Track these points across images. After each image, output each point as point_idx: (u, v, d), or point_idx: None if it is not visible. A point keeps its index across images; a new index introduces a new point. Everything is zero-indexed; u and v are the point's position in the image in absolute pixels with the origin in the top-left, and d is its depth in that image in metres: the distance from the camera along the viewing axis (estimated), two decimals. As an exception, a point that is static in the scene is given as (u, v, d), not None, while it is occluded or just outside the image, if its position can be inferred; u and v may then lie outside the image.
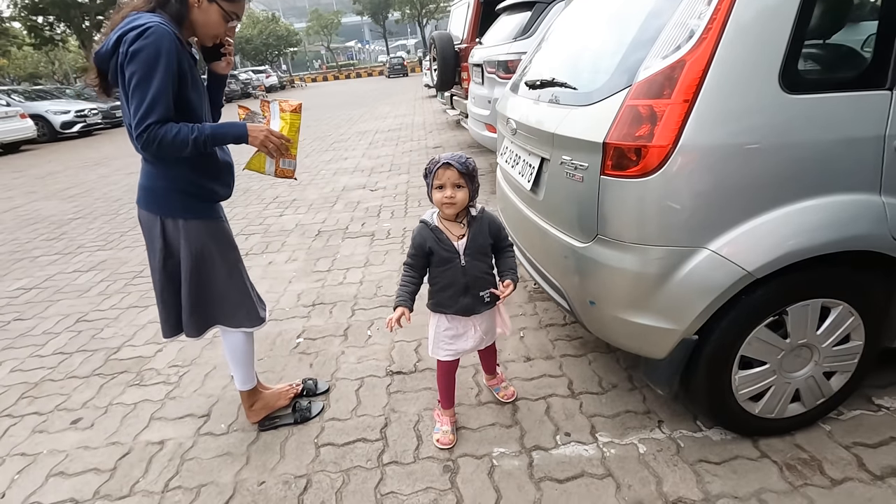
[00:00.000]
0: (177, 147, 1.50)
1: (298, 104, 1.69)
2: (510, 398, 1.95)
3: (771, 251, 1.34)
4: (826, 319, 1.50)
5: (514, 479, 1.61)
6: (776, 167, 1.33)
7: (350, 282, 3.22)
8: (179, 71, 1.49)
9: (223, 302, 1.77)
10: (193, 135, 1.50)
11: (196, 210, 1.66)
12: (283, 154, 1.68)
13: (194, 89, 1.57)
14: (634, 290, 1.47)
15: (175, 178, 1.62)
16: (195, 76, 1.58)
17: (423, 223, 1.63)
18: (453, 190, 1.53)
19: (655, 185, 1.35)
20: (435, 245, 1.59)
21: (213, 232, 1.71)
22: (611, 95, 1.47)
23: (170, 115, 1.48)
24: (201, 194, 1.67)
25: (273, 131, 1.63)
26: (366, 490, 1.63)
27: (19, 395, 2.33)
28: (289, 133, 1.67)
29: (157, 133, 1.46)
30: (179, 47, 1.48)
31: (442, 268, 1.62)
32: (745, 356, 1.51)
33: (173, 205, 1.64)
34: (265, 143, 1.62)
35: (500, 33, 4.75)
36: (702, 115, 1.30)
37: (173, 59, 1.45)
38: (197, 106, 1.58)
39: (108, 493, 1.72)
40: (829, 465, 1.55)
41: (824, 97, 1.31)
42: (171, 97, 1.48)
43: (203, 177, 1.66)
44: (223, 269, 1.74)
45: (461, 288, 1.62)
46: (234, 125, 1.60)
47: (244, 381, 1.90)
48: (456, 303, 1.64)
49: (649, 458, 1.64)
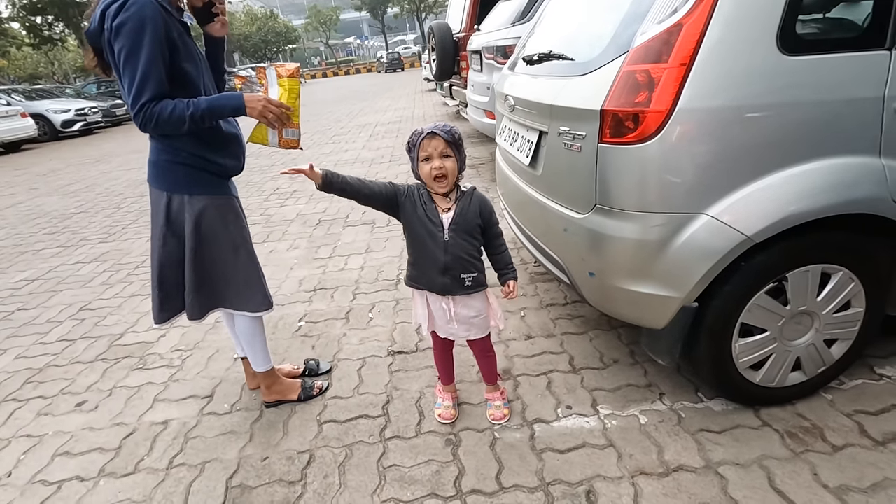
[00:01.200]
0: (173, 124, 1.47)
1: (296, 67, 1.61)
2: (499, 420, 1.73)
3: (770, 215, 1.34)
4: (826, 286, 1.49)
5: (516, 450, 1.62)
6: (775, 130, 1.32)
7: (351, 267, 3.22)
8: (169, 41, 1.44)
9: (227, 283, 1.72)
10: (189, 110, 1.46)
11: (202, 185, 1.62)
12: (285, 123, 1.60)
13: (189, 59, 1.52)
14: (634, 259, 1.47)
15: (179, 152, 1.58)
16: (188, 45, 1.53)
17: (418, 184, 1.55)
18: (441, 160, 1.44)
19: (654, 150, 1.35)
20: (420, 210, 1.49)
21: (219, 209, 1.66)
22: (608, 63, 1.46)
23: (163, 91, 1.44)
24: (208, 168, 1.62)
25: (271, 100, 1.55)
26: (368, 463, 1.64)
27: (24, 380, 2.35)
28: (288, 100, 1.59)
29: (153, 112, 1.43)
30: (165, 15, 1.43)
31: (420, 239, 1.52)
32: (745, 324, 1.51)
33: (178, 180, 1.61)
34: (264, 114, 1.54)
35: (499, 19, 4.72)
36: (699, 79, 1.30)
37: (159, 28, 1.40)
38: (194, 77, 1.54)
39: (114, 471, 1.73)
40: (830, 433, 1.55)
41: (823, 58, 1.30)
42: (164, 70, 1.43)
43: (208, 150, 1.61)
44: (228, 248, 1.69)
45: (440, 266, 1.51)
46: (230, 97, 1.54)
47: (258, 364, 1.90)
48: (431, 280, 1.55)
49: (650, 429, 1.64)
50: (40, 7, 23.63)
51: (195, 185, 1.62)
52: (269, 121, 1.57)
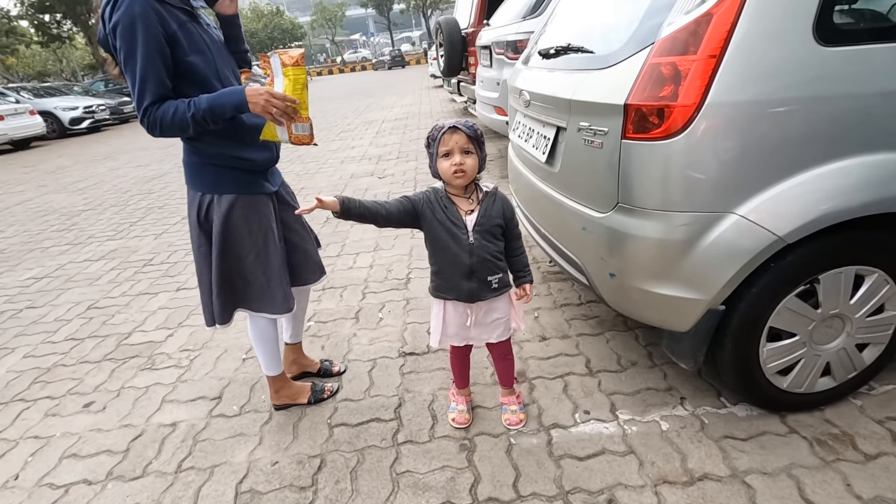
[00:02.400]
0: (178, 128, 1.40)
1: (300, 54, 1.46)
2: (515, 425, 1.68)
3: (803, 215, 1.28)
4: (860, 288, 1.43)
5: (534, 456, 1.57)
6: (810, 125, 1.25)
7: (360, 266, 3.18)
8: (168, 35, 1.35)
9: (246, 283, 1.66)
10: (190, 112, 1.38)
11: (231, 184, 1.56)
12: (292, 117, 1.46)
13: (195, 51, 1.42)
14: (658, 260, 1.41)
15: (205, 152, 1.53)
16: (193, 35, 1.42)
17: (434, 188, 1.48)
18: (462, 156, 1.38)
19: (680, 147, 1.29)
20: (441, 214, 1.43)
21: (245, 207, 1.58)
22: (631, 55, 1.40)
23: (164, 92, 1.38)
24: (237, 165, 1.55)
25: (274, 93, 1.42)
26: (381, 469, 1.59)
27: (32, 380, 2.33)
28: (293, 91, 1.44)
29: (156, 116, 1.37)
30: (159, 7, 1.33)
31: (443, 244, 1.44)
32: (773, 327, 1.44)
33: (208, 180, 1.56)
34: (267, 109, 1.41)
35: (509, 13, 4.65)
36: (730, 72, 1.23)
37: (152, 24, 1.31)
38: (202, 69, 1.44)
39: (122, 474, 1.70)
40: (861, 440, 1.49)
41: (862, 49, 1.23)
42: (164, 68, 1.36)
43: (234, 146, 1.53)
44: (251, 247, 1.62)
45: (465, 270, 1.45)
46: (231, 93, 1.42)
47: (267, 367, 1.85)
48: (458, 287, 1.47)
49: (672, 435, 1.59)
50: (48, 5, 23.74)
51: (223, 185, 1.56)
52: (274, 116, 1.44)
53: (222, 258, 1.60)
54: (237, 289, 1.67)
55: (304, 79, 1.48)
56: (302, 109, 1.48)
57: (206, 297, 1.68)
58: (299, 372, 2.07)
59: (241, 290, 1.68)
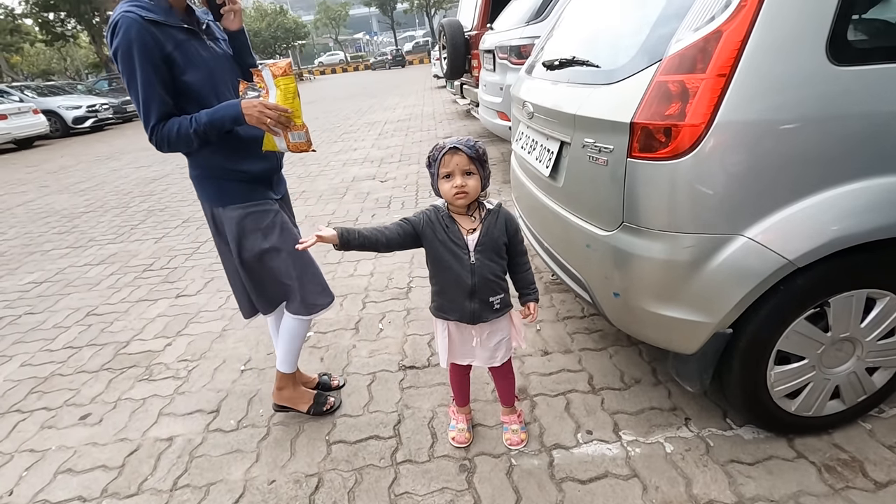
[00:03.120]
0: (184, 143, 1.46)
1: (286, 64, 1.49)
2: (516, 445, 1.65)
3: (814, 238, 1.24)
4: (871, 311, 1.39)
5: (535, 478, 1.54)
6: (822, 146, 1.22)
7: (360, 274, 3.15)
8: (164, 57, 1.38)
9: (279, 284, 1.72)
10: (192, 127, 1.43)
11: (233, 195, 1.59)
12: (288, 126, 1.49)
13: (193, 70, 1.45)
14: (663, 281, 1.38)
15: (203, 165, 1.57)
16: (191, 53, 1.45)
17: (434, 207, 1.44)
18: (463, 178, 1.34)
19: (687, 167, 1.25)
20: (442, 234, 1.40)
21: (253, 215, 1.61)
22: (638, 72, 1.37)
23: (167, 110, 1.43)
24: (236, 177, 1.58)
25: (267, 104, 1.45)
26: (379, 490, 1.56)
27: (29, 390, 2.31)
28: (284, 101, 1.48)
29: (162, 134, 1.44)
30: (155, 29, 1.36)
31: (445, 264, 1.41)
32: (782, 351, 1.41)
33: (212, 193, 1.61)
34: (261, 120, 1.44)
35: (512, 17, 4.61)
36: (740, 91, 1.20)
37: (149, 48, 1.35)
38: (200, 88, 1.47)
39: (117, 492, 1.68)
40: (871, 467, 1.45)
41: (877, 68, 1.19)
42: (164, 89, 1.41)
43: (231, 159, 1.56)
44: (273, 254, 1.65)
45: (467, 291, 1.41)
46: (228, 106, 1.46)
47: (282, 362, 1.85)
48: (460, 308, 1.44)
49: (677, 458, 1.55)
50: (53, 3, 23.77)
51: (226, 197, 1.59)
52: (269, 127, 1.47)
53: (250, 269, 1.68)
54: (272, 290, 1.75)
55: (294, 87, 1.50)
56: (295, 118, 1.50)
57: (239, 294, 1.79)
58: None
59: (275, 290, 1.75)
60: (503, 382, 1.68)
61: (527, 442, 1.67)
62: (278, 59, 1.48)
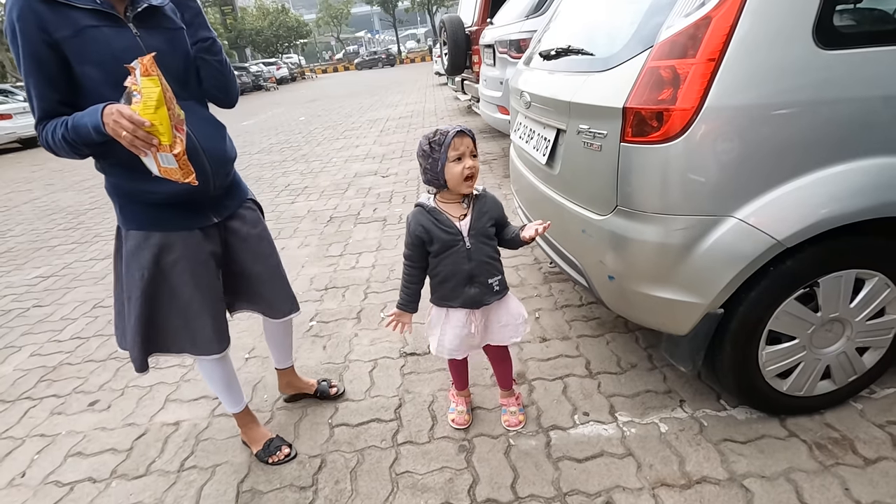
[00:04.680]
0: (64, 150, 1.22)
1: (149, 59, 1.11)
2: (514, 426, 1.69)
3: (803, 219, 1.27)
4: (860, 292, 1.42)
5: (532, 458, 1.58)
6: (810, 129, 1.25)
7: (362, 266, 3.19)
8: (51, 44, 1.15)
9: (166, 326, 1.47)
10: (60, 133, 1.19)
11: (138, 219, 1.36)
12: (150, 144, 1.13)
13: (91, 62, 1.19)
14: (656, 263, 1.41)
15: (107, 179, 1.35)
16: (94, 42, 1.18)
17: (419, 206, 1.46)
18: (472, 160, 1.38)
19: (679, 150, 1.29)
20: (434, 228, 1.42)
21: (154, 247, 1.36)
22: (630, 59, 1.40)
23: (49, 107, 1.21)
24: (135, 197, 1.33)
25: (123, 111, 1.10)
26: (380, 469, 1.61)
27: (38, 379, 2.36)
28: (143, 111, 1.10)
29: (44, 136, 1.22)
30: (41, 10, 1.13)
31: (443, 255, 1.44)
32: (772, 331, 1.44)
33: (116, 211, 1.38)
34: (117, 132, 1.11)
35: (512, 12, 4.64)
36: (729, 75, 1.23)
37: (30, 31, 1.13)
38: (98, 85, 1.20)
39: (125, 473, 1.72)
40: (861, 445, 1.48)
41: (862, 52, 1.22)
42: (45, 81, 1.18)
43: (128, 173, 1.28)
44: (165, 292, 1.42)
45: (465, 276, 1.45)
46: (92, 111, 1.16)
47: (225, 404, 1.72)
48: (462, 294, 1.47)
49: (671, 438, 1.59)
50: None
51: (128, 220, 1.36)
52: (128, 144, 1.13)
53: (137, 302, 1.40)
54: (153, 331, 1.47)
55: (159, 94, 1.12)
56: (160, 135, 1.13)
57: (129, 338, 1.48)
58: (294, 393, 1.97)
59: (163, 330, 1.48)
60: (501, 366, 1.72)
61: (525, 423, 1.71)
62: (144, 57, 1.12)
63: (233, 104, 1.53)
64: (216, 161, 1.40)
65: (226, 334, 1.57)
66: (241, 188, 1.61)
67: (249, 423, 1.76)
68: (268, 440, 1.72)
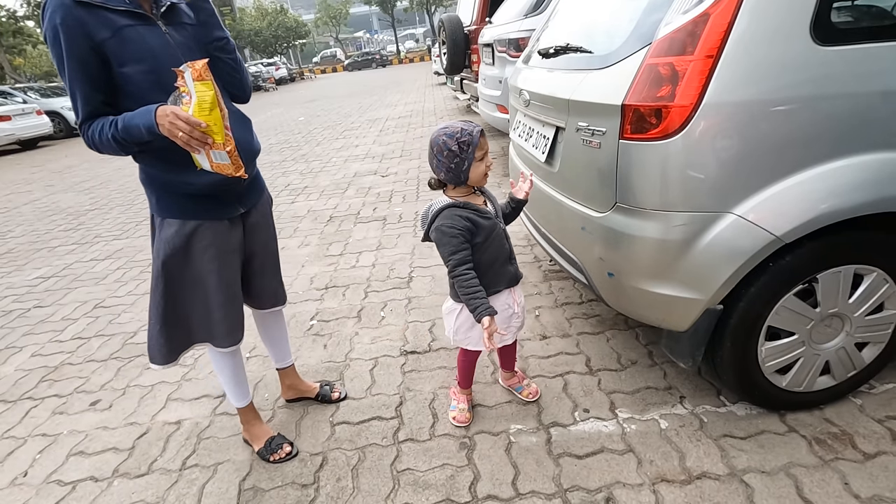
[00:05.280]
0: (109, 149, 1.29)
1: (203, 65, 1.19)
2: (534, 396, 1.79)
3: (801, 214, 1.28)
4: (859, 287, 1.43)
5: (532, 454, 1.58)
6: (808, 125, 1.25)
7: (362, 265, 3.20)
8: (95, 46, 1.20)
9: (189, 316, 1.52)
10: (110, 132, 1.25)
11: (174, 208, 1.41)
12: (204, 143, 1.22)
13: (133, 61, 1.25)
14: (656, 260, 1.42)
15: (145, 171, 1.40)
16: (132, 42, 1.24)
17: (449, 206, 1.43)
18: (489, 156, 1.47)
19: (678, 147, 1.29)
20: (477, 219, 1.43)
21: (190, 235, 1.42)
22: (629, 56, 1.40)
23: (94, 108, 1.27)
24: (179, 189, 1.38)
25: (179, 114, 1.18)
26: (381, 467, 1.61)
27: (39, 379, 2.36)
28: (198, 113, 1.19)
29: (89, 136, 1.28)
30: (83, 14, 1.18)
31: (486, 242, 1.46)
32: (772, 327, 1.45)
33: (153, 201, 1.43)
34: (173, 133, 1.19)
35: (511, 11, 4.64)
36: (727, 72, 1.23)
37: (74, 35, 1.18)
38: (141, 83, 1.27)
39: (127, 472, 1.73)
40: (860, 440, 1.49)
41: (860, 48, 1.22)
42: (91, 83, 1.24)
43: (172, 167, 1.35)
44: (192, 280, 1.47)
45: (507, 256, 1.54)
46: (145, 112, 1.22)
47: (230, 398, 1.73)
48: (506, 273, 1.54)
49: (671, 434, 1.59)
50: (54, 5, 23.86)
51: (165, 208, 1.42)
52: (183, 142, 1.20)
53: (163, 287, 1.45)
54: (180, 319, 1.51)
55: (212, 97, 1.20)
56: (213, 134, 1.22)
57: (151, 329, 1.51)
58: (296, 397, 1.96)
59: (185, 320, 1.52)
60: (509, 349, 1.79)
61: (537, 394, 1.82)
62: (196, 61, 1.21)
63: (247, 100, 1.58)
64: (246, 153, 1.44)
65: (243, 326, 1.62)
66: (261, 181, 1.67)
67: (253, 420, 1.77)
68: (269, 438, 1.73)
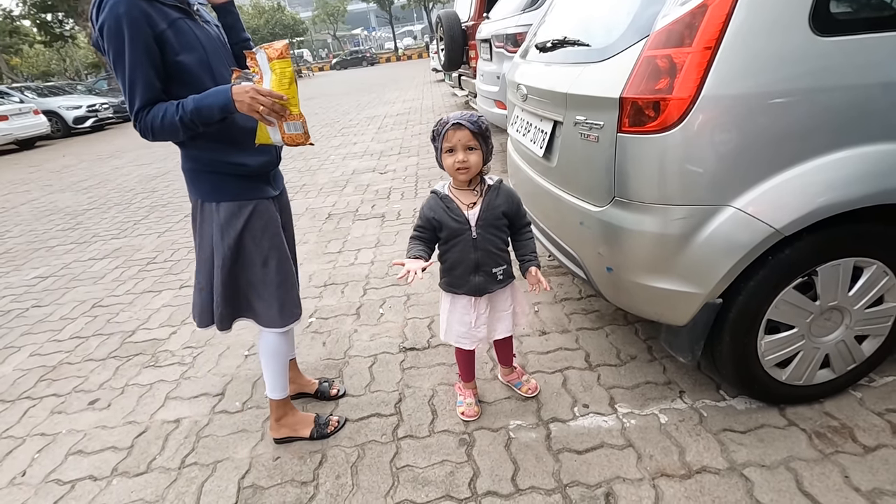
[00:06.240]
0: (169, 132, 1.35)
1: (283, 45, 1.34)
2: (533, 392, 1.79)
3: (800, 207, 1.27)
4: (858, 280, 1.42)
5: (532, 450, 1.58)
6: (807, 117, 1.24)
7: (361, 262, 3.19)
8: (155, 35, 1.28)
9: (257, 297, 1.57)
10: (178, 115, 1.31)
11: (230, 191, 1.47)
12: (282, 115, 1.34)
13: (186, 50, 1.34)
14: (654, 254, 1.41)
15: (199, 159, 1.46)
16: (184, 32, 1.35)
17: (433, 193, 1.50)
18: (465, 153, 1.39)
19: (676, 140, 1.28)
20: (444, 215, 1.45)
21: (248, 215, 1.49)
22: (627, 48, 1.39)
23: (153, 95, 1.33)
24: (231, 171, 1.46)
25: (260, 89, 1.30)
26: (381, 463, 1.61)
27: (38, 378, 2.36)
28: (279, 87, 1.32)
29: (147, 121, 1.33)
30: (144, 6, 1.26)
31: (451, 242, 1.48)
32: (771, 320, 1.44)
33: (206, 188, 1.48)
34: (254, 107, 1.30)
35: (508, 6, 4.62)
36: (725, 64, 1.22)
37: (140, 25, 1.25)
38: (193, 69, 1.36)
39: (126, 470, 1.72)
40: (860, 433, 1.48)
41: (859, 38, 1.22)
42: (154, 71, 1.30)
43: (226, 151, 1.44)
44: (258, 260, 1.53)
45: (471, 265, 1.49)
46: (218, 92, 1.32)
47: (272, 388, 1.70)
48: (467, 282, 1.51)
49: (671, 429, 1.59)
50: (50, 4, 23.76)
51: (221, 193, 1.48)
52: (262, 115, 1.32)
53: (228, 270, 1.51)
54: (244, 300, 1.58)
55: (291, 72, 1.36)
56: (291, 106, 1.36)
57: (202, 299, 1.58)
58: (295, 392, 1.93)
59: (249, 300, 1.58)
60: (504, 346, 1.78)
61: (536, 388, 1.82)
62: (273, 42, 1.36)
63: None
64: None
65: (299, 303, 1.65)
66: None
67: (290, 410, 1.77)
68: (315, 417, 1.78)
